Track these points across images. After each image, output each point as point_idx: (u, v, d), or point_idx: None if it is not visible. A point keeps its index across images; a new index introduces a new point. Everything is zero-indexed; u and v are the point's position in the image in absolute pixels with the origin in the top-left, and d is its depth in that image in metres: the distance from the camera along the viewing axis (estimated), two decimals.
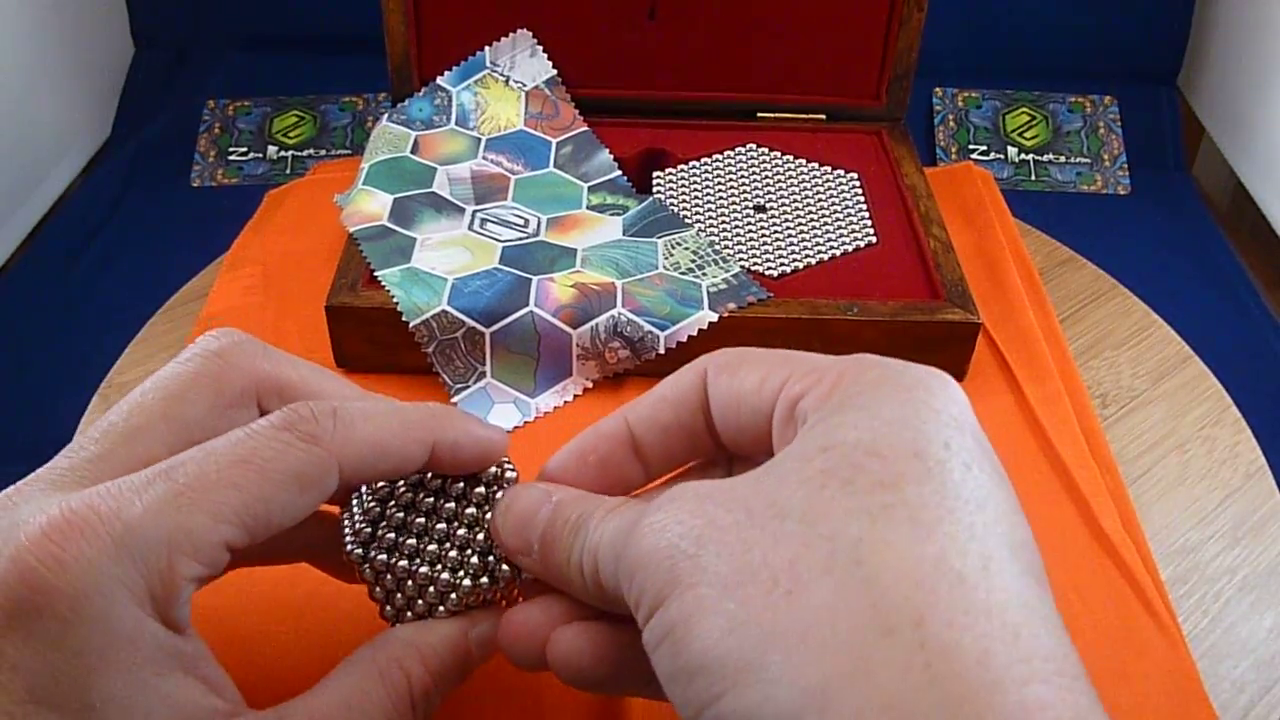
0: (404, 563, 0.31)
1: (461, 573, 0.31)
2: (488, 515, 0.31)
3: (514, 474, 0.33)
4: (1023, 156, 1.21)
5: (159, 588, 0.25)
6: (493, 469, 0.32)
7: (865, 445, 0.24)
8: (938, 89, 1.24)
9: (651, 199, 0.60)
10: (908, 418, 0.25)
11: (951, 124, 1.22)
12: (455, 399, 0.50)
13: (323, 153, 1.19)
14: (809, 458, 0.25)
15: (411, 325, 0.50)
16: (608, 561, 0.27)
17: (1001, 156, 1.20)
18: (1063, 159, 1.20)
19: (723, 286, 0.52)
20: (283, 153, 1.20)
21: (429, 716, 0.29)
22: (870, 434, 0.25)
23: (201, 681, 0.26)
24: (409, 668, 0.28)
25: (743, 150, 0.64)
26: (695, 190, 0.61)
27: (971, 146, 1.21)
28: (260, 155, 1.20)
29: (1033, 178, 1.19)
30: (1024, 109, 1.23)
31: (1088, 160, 1.20)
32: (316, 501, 0.28)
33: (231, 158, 1.20)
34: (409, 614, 0.31)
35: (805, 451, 0.25)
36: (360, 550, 0.31)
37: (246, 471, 0.26)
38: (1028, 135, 1.22)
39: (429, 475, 0.32)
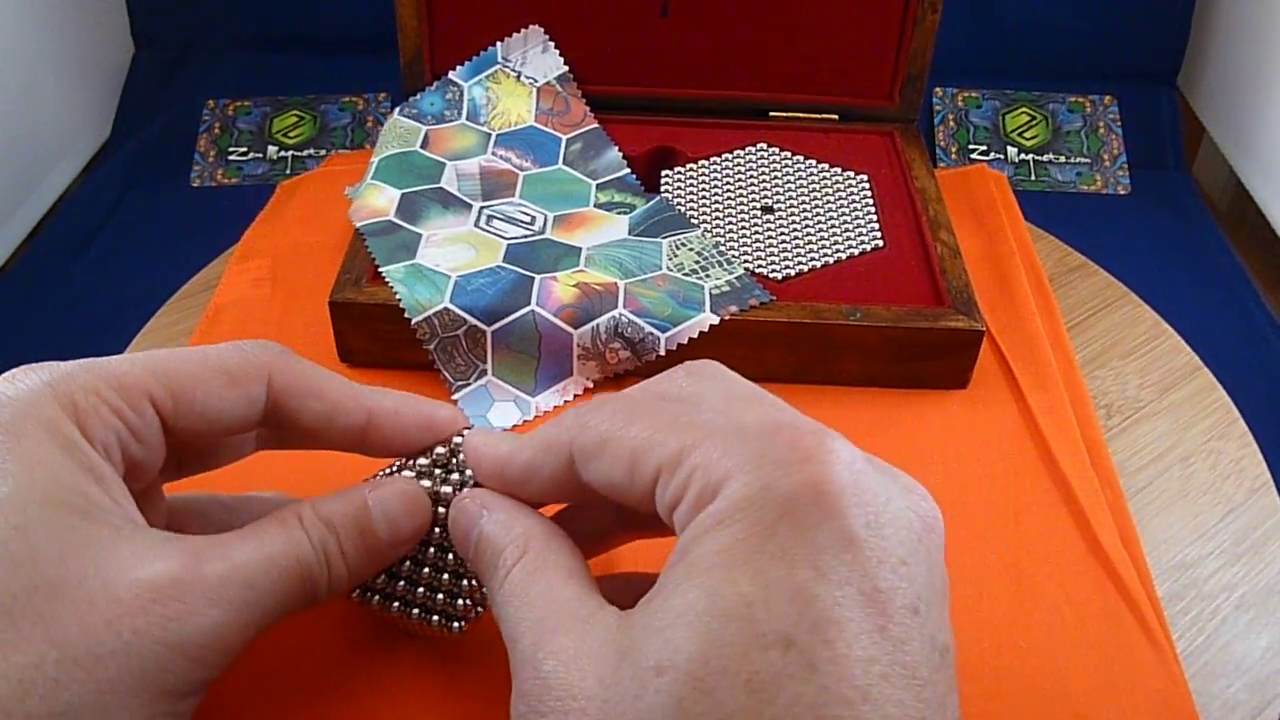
0: (396, 604, 0.34)
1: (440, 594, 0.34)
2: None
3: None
4: (1023, 156, 1.20)
5: (82, 400, 0.28)
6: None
7: (736, 645, 0.22)
8: (938, 89, 1.23)
9: (659, 198, 0.60)
10: (761, 591, 0.23)
11: (951, 124, 1.22)
12: (456, 396, 0.50)
13: (323, 153, 1.19)
14: (661, 672, 0.23)
15: (414, 322, 0.50)
16: (504, 616, 0.28)
17: (1001, 156, 1.20)
18: (1063, 159, 1.20)
19: (725, 289, 0.52)
20: (283, 153, 1.20)
21: (334, 569, 0.31)
22: (739, 625, 0.23)
23: (111, 498, 0.28)
24: (301, 512, 0.31)
25: (753, 150, 0.64)
26: (704, 189, 0.60)
27: (971, 146, 1.21)
28: (260, 155, 1.19)
29: (1033, 178, 1.19)
30: (1024, 109, 1.23)
31: (1088, 160, 1.20)
32: (242, 401, 0.31)
33: (231, 158, 1.19)
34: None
35: (669, 650, 0.23)
36: (360, 594, 0.34)
37: (183, 355, 0.31)
38: (1028, 135, 1.22)
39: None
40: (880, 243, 0.56)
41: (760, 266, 0.54)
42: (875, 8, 0.64)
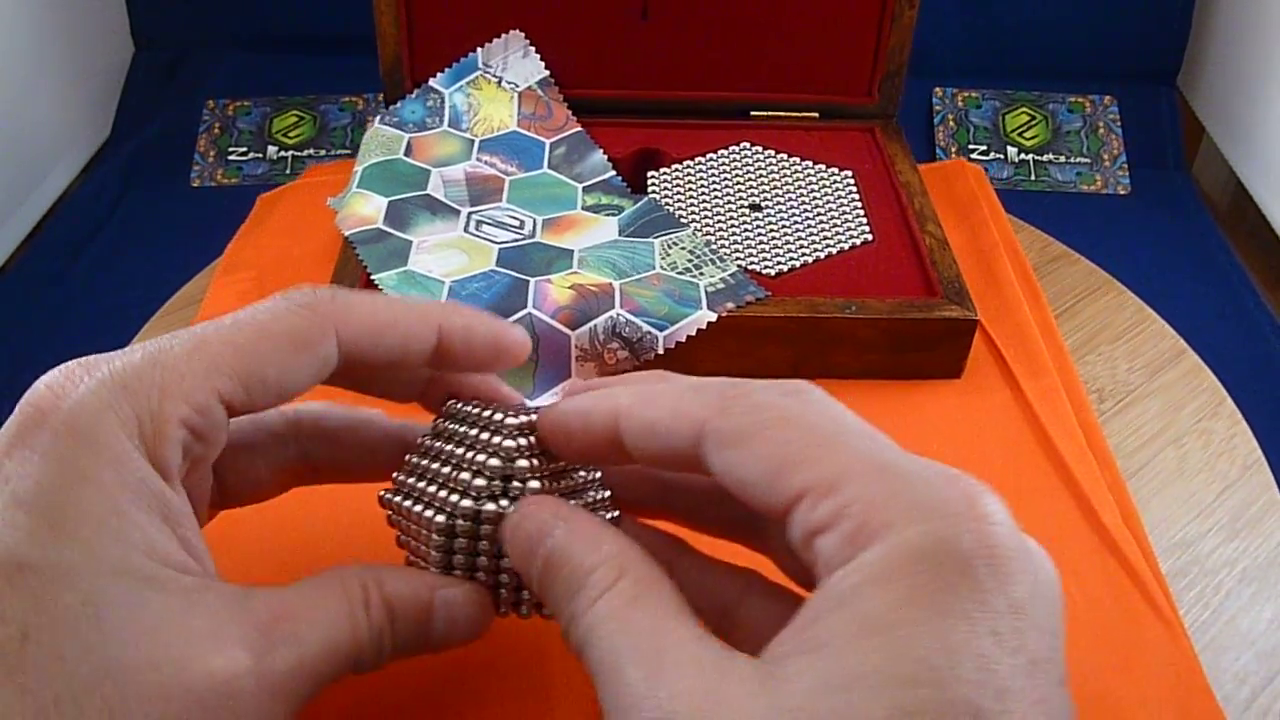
0: (412, 479, 0.32)
1: (458, 496, 0.30)
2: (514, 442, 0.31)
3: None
4: (1023, 156, 1.20)
5: (148, 423, 0.26)
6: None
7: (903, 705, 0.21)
8: (938, 89, 1.23)
9: (647, 199, 0.60)
10: (946, 657, 0.21)
11: (951, 124, 1.22)
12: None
13: (322, 153, 1.19)
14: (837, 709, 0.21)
15: None
16: (593, 642, 0.26)
17: (1001, 156, 1.20)
18: (1063, 159, 1.20)
19: (720, 286, 0.52)
20: (282, 153, 1.20)
21: (382, 656, 0.29)
22: (929, 692, 0.21)
23: (179, 540, 0.26)
24: (369, 588, 0.29)
25: (736, 149, 0.64)
26: (690, 190, 0.61)
27: (971, 146, 1.21)
28: (260, 155, 1.20)
29: (1032, 178, 1.19)
30: (1024, 109, 1.23)
31: (1088, 160, 1.20)
32: (314, 366, 0.29)
33: (231, 158, 1.20)
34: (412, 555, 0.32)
35: (827, 686, 0.22)
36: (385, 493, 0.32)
37: (243, 330, 0.28)
38: (1028, 135, 1.22)
39: (479, 411, 0.32)
40: (869, 237, 0.56)
41: (752, 264, 0.54)
42: (853, 6, 0.65)
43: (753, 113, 0.67)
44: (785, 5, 0.65)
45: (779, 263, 0.55)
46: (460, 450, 0.32)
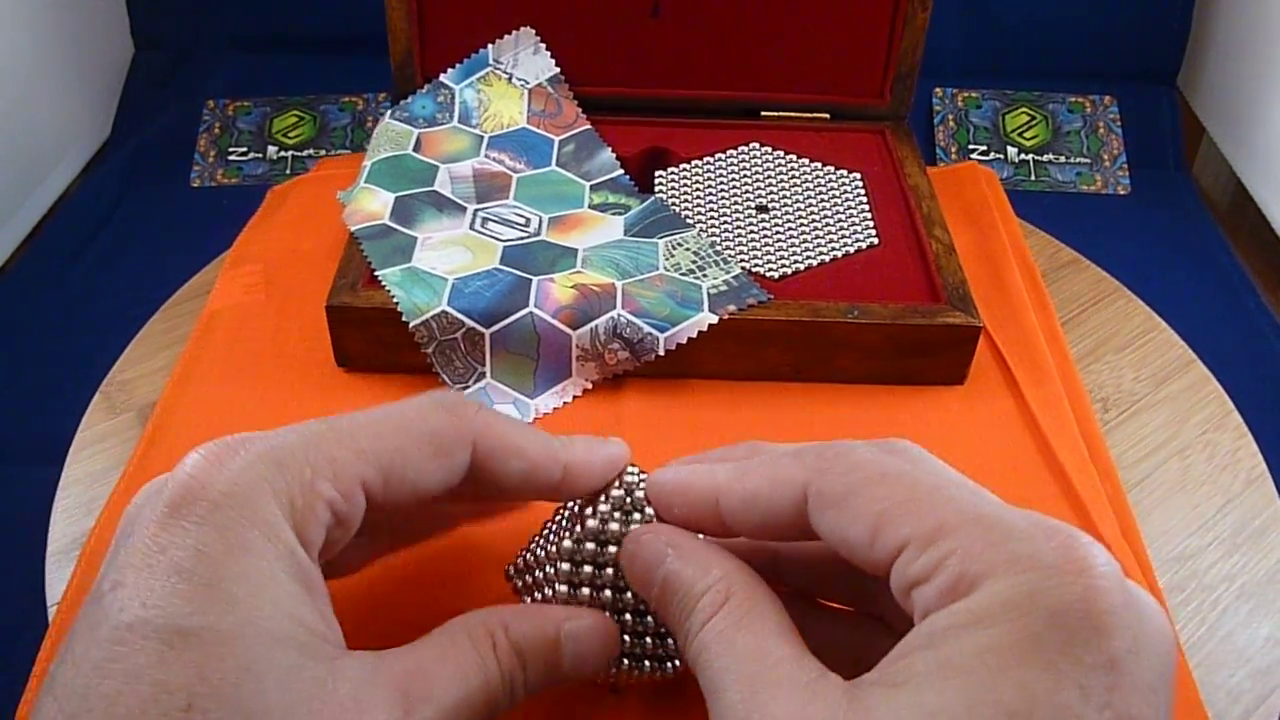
0: (531, 546, 0.34)
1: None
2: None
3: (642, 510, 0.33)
4: (1023, 156, 1.20)
5: (299, 498, 0.27)
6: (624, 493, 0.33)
7: None
8: (938, 89, 1.23)
9: (653, 198, 0.60)
10: (1024, 704, 0.22)
11: (951, 124, 1.22)
12: None
13: (323, 153, 1.19)
14: None
15: (411, 325, 0.50)
16: (703, 663, 0.27)
17: (1001, 156, 1.20)
18: (1063, 159, 1.20)
19: (723, 288, 0.52)
20: (283, 153, 1.20)
21: (515, 697, 0.30)
22: None
23: (319, 611, 0.27)
24: (495, 633, 0.29)
25: (746, 149, 0.64)
26: (698, 190, 0.60)
27: (971, 146, 1.21)
28: (260, 155, 1.19)
29: (1033, 178, 1.19)
30: (1024, 109, 1.23)
31: (1088, 160, 1.20)
32: (448, 469, 0.30)
33: (231, 158, 1.19)
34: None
35: None
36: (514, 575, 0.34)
37: (388, 424, 0.30)
38: (1028, 135, 1.22)
39: (597, 553, 0.33)
40: (875, 240, 0.56)
41: (756, 265, 0.54)
42: (865, 6, 0.65)
43: (763, 113, 0.67)
44: (797, 5, 0.65)
45: (784, 265, 0.54)
46: (575, 508, 0.34)
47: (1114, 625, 0.22)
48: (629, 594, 0.32)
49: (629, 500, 0.33)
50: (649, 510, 0.33)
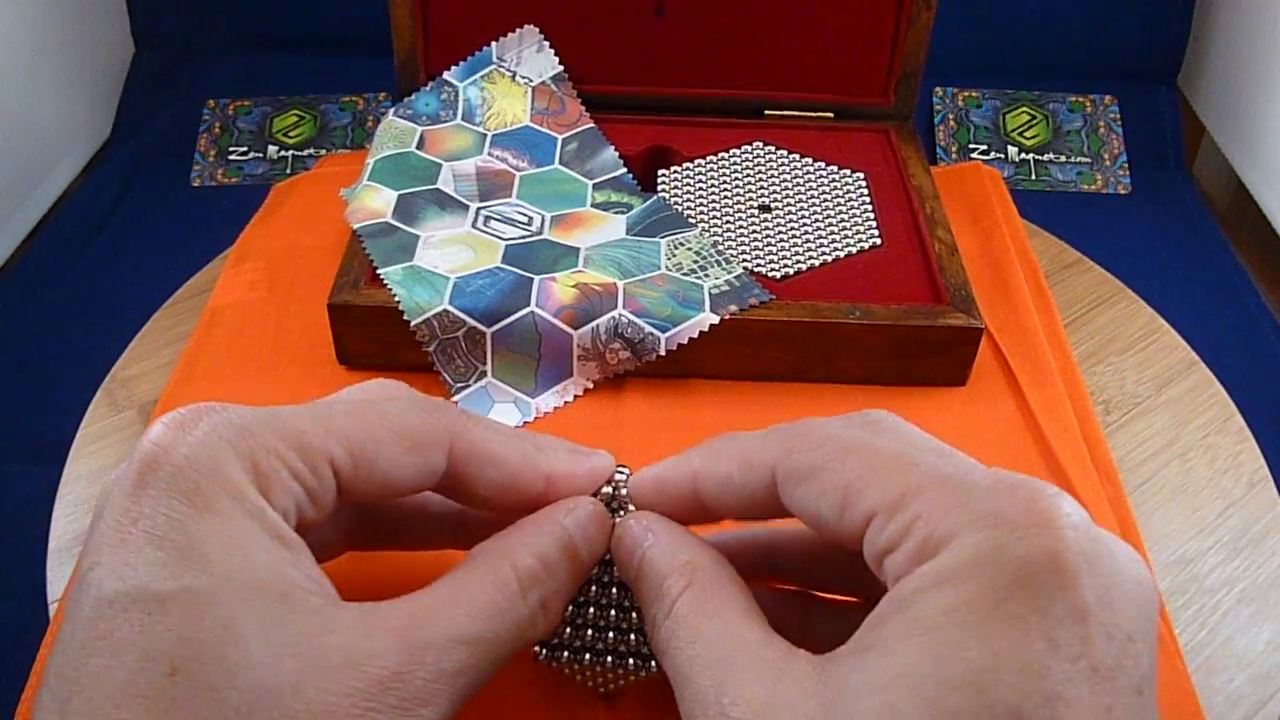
0: (587, 656, 0.33)
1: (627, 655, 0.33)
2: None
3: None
4: (1023, 156, 1.20)
5: (263, 463, 0.26)
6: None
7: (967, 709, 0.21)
8: (938, 88, 1.24)
9: (656, 197, 0.60)
10: (990, 660, 0.22)
11: (951, 123, 1.22)
12: (456, 398, 0.50)
13: (323, 152, 1.19)
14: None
15: (413, 324, 0.50)
16: (671, 651, 0.27)
17: (1001, 156, 1.20)
18: (1063, 158, 1.20)
19: (725, 288, 0.52)
20: (283, 152, 1.20)
21: (548, 609, 0.29)
22: (967, 694, 0.22)
23: (301, 566, 0.26)
24: (514, 557, 0.29)
25: (749, 148, 0.64)
26: (701, 189, 0.60)
27: (971, 146, 1.21)
28: (260, 155, 1.20)
29: (1033, 177, 1.19)
30: (1024, 108, 1.23)
31: (1088, 160, 1.20)
32: (421, 468, 0.29)
33: (231, 157, 1.19)
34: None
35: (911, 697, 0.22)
36: (547, 653, 0.33)
37: (368, 413, 0.29)
38: (1028, 135, 1.22)
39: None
40: (878, 241, 0.56)
41: (759, 265, 0.54)
42: (870, 6, 0.64)
43: (767, 112, 0.67)
44: (801, 4, 0.65)
45: (786, 265, 0.54)
46: None
47: (1081, 576, 0.22)
48: (614, 589, 0.33)
49: (616, 500, 0.33)
50: (633, 509, 0.33)
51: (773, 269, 0.54)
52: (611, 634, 0.33)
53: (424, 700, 0.25)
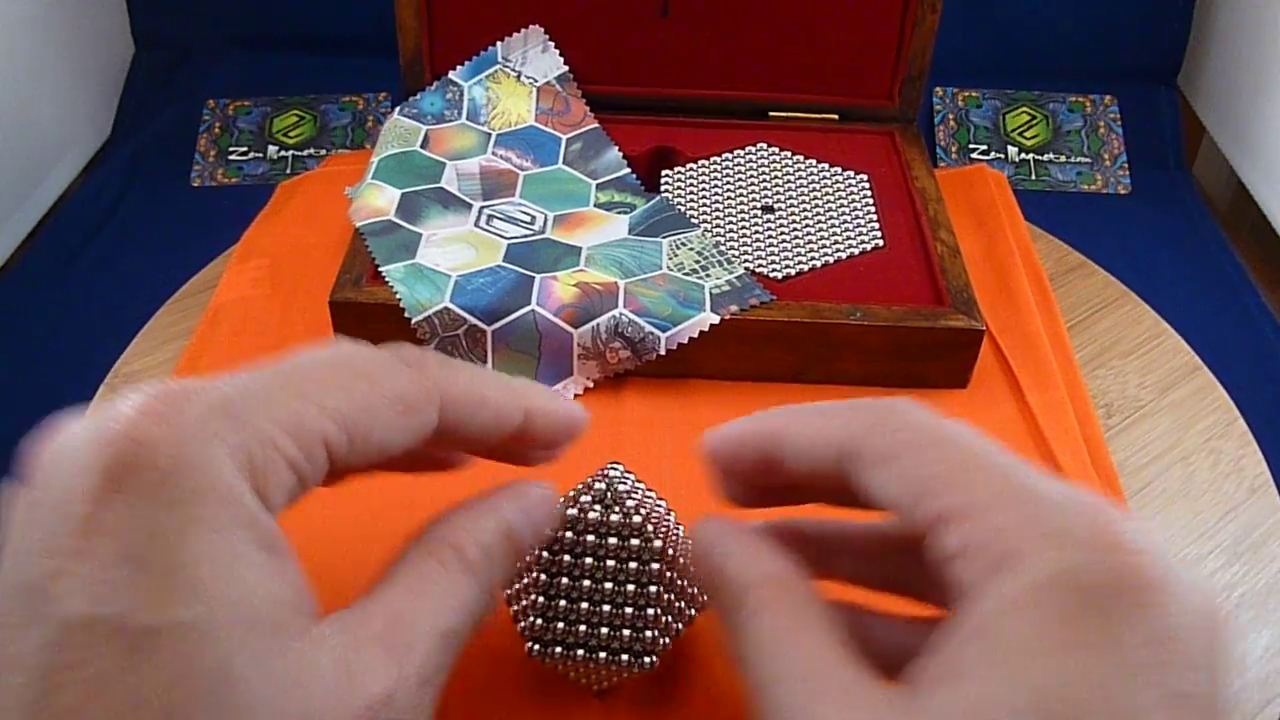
0: (580, 652, 0.33)
1: (628, 631, 0.33)
2: (648, 566, 0.33)
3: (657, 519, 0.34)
4: (1023, 156, 1.20)
5: (258, 455, 0.24)
6: (622, 518, 0.33)
7: None
8: (938, 89, 1.24)
9: (659, 198, 0.60)
10: (1063, 687, 0.21)
11: (952, 123, 1.22)
12: None
13: (323, 152, 1.19)
14: None
15: (414, 322, 0.50)
16: (746, 666, 0.26)
17: (1002, 156, 1.20)
18: (1063, 158, 1.20)
19: (726, 288, 0.52)
20: (283, 152, 1.20)
21: (494, 596, 0.29)
22: (1020, 710, 0.21)
23: (288, 578, 0.25)
24: (463, 546, 0.28)
25: (753, 150, 0.64)
26: (704, 189, 0.60)
27: (971, 146, 1.21)
28: (260, 155, 1.20)
29: (1033, 177, 1.19)
30: (1024, 109, 1.23)
31: (1088, 160, 1.20)
32: (414, 431, 0.28)
33: (231, 157, 1.19)
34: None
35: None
36: (540, 649, 0.34)
37: (357, 381, 0.27)
38: (1028, 135, 1.22)
39: (576, 541, 0.33)
40: (880, 242, 0.56)
41: (760, 266, 0.54)
42: (875, 8, 0.64)
43: (771, 113, 0.67)
44: (806, 6, 0.65)
45: (788, 266, 0.54)
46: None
47: (1156, 600, 0.22)
48: (607, 584, 0.33)
49: (610, 494, 0.33)
50: (629, 503, 0.33)
51: (774, 269, 0.54)
52: (605, 630, 0.33)
53: (417, 707, 0.25)
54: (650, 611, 0.33)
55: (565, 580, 0.33)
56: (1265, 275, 1.13)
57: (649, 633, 0.33)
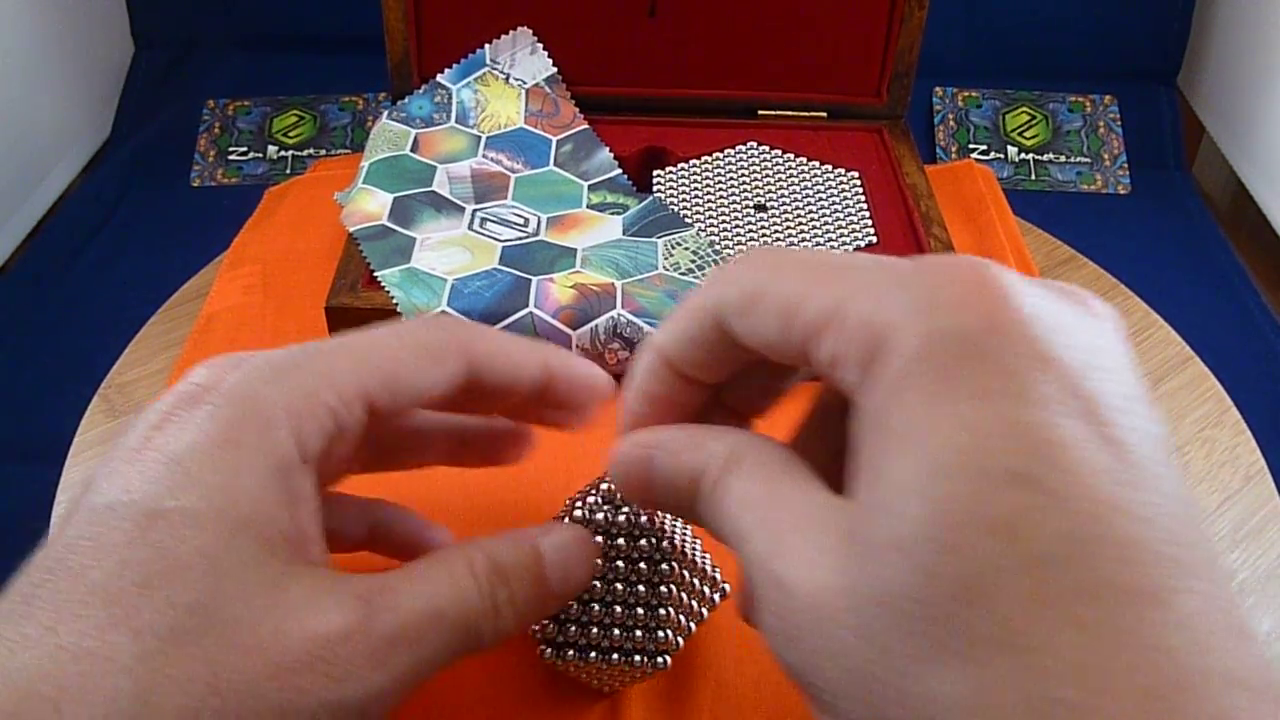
0: (594, 654, 0.33)
1: (639, 632, 0.33)
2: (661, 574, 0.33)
3: (677, 536, 0.34)
4: (1023, 156, 1.20)
5: (300, 402, 0.28)
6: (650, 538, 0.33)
7: (930, 536, 0.20)
8: (938, 88, 1.23)
9: (652, 198, 0.60)
10: (968, 437, 0.20)
11: (951, 123, 1.22)
12: None
13: (323, 152, 1.19)
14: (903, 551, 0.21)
15: None
16: (715, 519, 0.26)
17: (1001, 156, 1.20)
18: (1063, 158, 1.20)
19: None
20: (283, 152, 1.20)
21: (501, 615, 0.29)
22: (962, 477, 0.20)
23: (299, 519, 0.27)
24: (471, 557, 0.29)
25: (743, 148, 0.64)
26: (696, 189, 0.61)
27: (971, 146, 1.21)
28: (260, 155, 1.20)
29: (1033, 177, 1.19)
30: (1024, 108, 1.23)
31: (1088, 160, 1.20)
32: (443, 378, 0.31)
33: (231, 158, 1.20)
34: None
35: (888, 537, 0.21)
36: (553, 652, 0.34)
37: (386, 339, 0.30)
38: (1028, 135, 1.22)
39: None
40: (873, 239, 0.56)
41: None
42: (862, 5, 0.65)
43: (760, 112, 0.67)
44: (794, 4, 0.65)
45: None
46: (566, 504, 0.35)
47: (1029, 329, 0.21)
48: (618, 585, 0.33)
49: (617, 494, 0.33)
50: (625, 509, 0.33)
51: None
52: (617, 631, 0.33)
53: (375, 662, 0.26)
54: (664, 611, 0.33)
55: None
56: (1265, 275, 1.13)
57: (663, 632, 0.33)
